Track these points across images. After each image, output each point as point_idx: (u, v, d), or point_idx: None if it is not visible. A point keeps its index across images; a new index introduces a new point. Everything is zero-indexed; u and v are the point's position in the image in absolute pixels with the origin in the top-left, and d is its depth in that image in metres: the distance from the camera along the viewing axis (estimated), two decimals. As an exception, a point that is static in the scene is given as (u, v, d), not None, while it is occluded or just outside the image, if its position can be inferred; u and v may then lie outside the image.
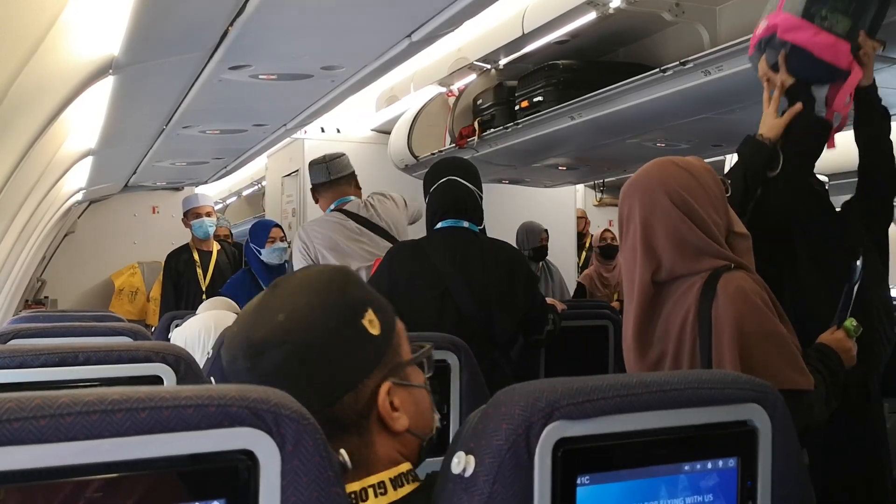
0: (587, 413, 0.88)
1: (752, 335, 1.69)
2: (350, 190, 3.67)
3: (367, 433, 1.02)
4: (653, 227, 1.79)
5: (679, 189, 1.78)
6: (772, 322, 1.72)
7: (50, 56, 2.03)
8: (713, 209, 1.81)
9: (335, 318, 1.01)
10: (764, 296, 1.75)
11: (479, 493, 0.86)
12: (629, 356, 1.88)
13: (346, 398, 1.00)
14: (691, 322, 1.74)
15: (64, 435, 0.67)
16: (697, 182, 1.81)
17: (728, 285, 1.72)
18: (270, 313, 1.02)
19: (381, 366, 1.03)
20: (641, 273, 1.81)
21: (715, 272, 1.75)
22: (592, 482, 0.89)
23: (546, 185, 5.75)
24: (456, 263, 2.70)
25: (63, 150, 3.58)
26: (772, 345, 1.70)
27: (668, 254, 1.78)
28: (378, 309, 1.05)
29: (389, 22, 2.49)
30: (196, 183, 6.57)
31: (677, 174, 1.81)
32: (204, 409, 0.72)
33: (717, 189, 1.83)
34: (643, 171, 1.88)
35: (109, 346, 1.53)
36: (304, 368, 0.99)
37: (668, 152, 4.13)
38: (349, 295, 1.04)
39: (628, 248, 1.85)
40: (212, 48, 2.60)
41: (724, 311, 1.70)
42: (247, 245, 4.46)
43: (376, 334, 1.03)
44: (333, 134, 5.47)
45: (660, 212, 1.79)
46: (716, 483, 0.96)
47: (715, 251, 1.78)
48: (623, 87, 3.11)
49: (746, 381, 1.00)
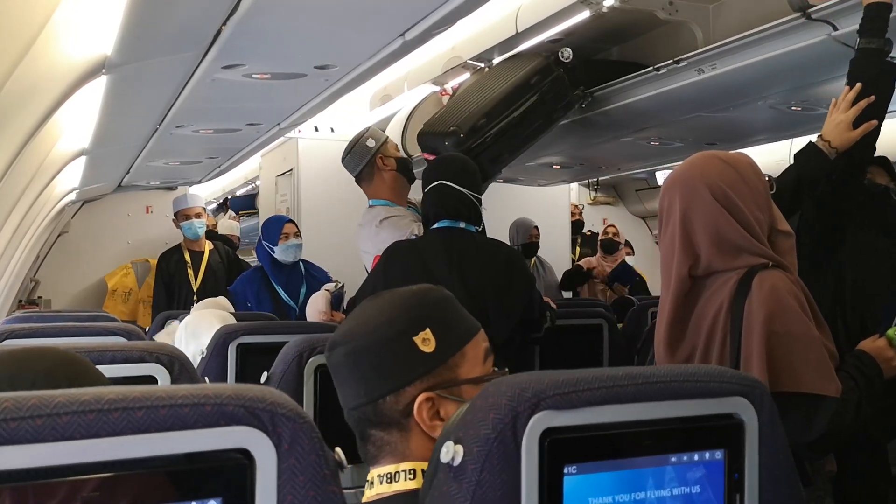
0: (573, 403, 0.90)
1: (781, 335, 1.67)
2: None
3: (406, 430, 1.19)
4: (692, 221, 1.78)
5: (721, 183, 1.76)
6: (803, 324, 1.69)
7: (42, 56, 2.03)
8: (755, 206, 1.78)
9: (390, 331, 1.20)
10: (800, 297, 1.73)
11: (467, 481, 0.88)
12: (660, 350, 1.86)
13: (388, 398, 1.19)
14: (723, 318, 1.73)
15: (60, 434, 0.67)
16: (741, 177, 1.78)
17: (763, 283, 1.70)
18: (352, 318, 1.26)
19: (426, 378, 1.19)
20: (679, 267, 1.80)
21: (751, 269, 1.73)
22: (579, 472, 0.90)
23: (540, 183, 5.77)
24: (453, 264, 2.69)
25: (56, 150, 3.57)
26: (800, 347, 1.67)
27: (706, 249, 1.77)
28: (440, 331, 1.22)
29: (383, 21, 2.49)
30: (190, 182, 6.56)
31: (720, 168, 1.79)
32: (200, 408, 0.73)
33: (761, 185, 1.81)
34: (686, 163, 1.86)
35: (103, 346, 1.53)
36: (355, 367, 1.20)
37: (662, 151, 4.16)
38: (412, 313, 1.22)
39: (667, 241, 1.84)
40: (205, 47, 2.60)
41: (756, 309, 1.68)
42: (259, 243, 4.35)
43: (428, 351, 1.20)
44: (327, 133, 5.46)
45: (700, 206, 1.77)
46: (703, 475, 0.97)
47: (754, 248, 1.76)
48: (617, 85, 3.11)
49: (732, 375, 1.02)
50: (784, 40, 2.45)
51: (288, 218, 4.36)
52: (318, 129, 5.44)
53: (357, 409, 1.21)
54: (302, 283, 4.16)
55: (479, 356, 1.26)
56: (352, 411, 1.22)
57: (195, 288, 5.40)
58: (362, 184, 3.45)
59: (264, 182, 6.35)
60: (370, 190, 3.42)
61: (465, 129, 3.22)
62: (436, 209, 2.82)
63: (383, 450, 1.20)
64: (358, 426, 1.22)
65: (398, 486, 1.17)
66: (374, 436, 1.21)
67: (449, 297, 1.29)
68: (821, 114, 3.10)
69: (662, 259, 1.88)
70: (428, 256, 2.73)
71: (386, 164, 3.37)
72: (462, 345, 1.24)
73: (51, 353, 1.16)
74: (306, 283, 4.15)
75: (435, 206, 2.82)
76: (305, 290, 4.09)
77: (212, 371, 2.33)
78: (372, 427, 1.21)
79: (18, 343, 1.86)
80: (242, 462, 0.74)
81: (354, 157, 3.41)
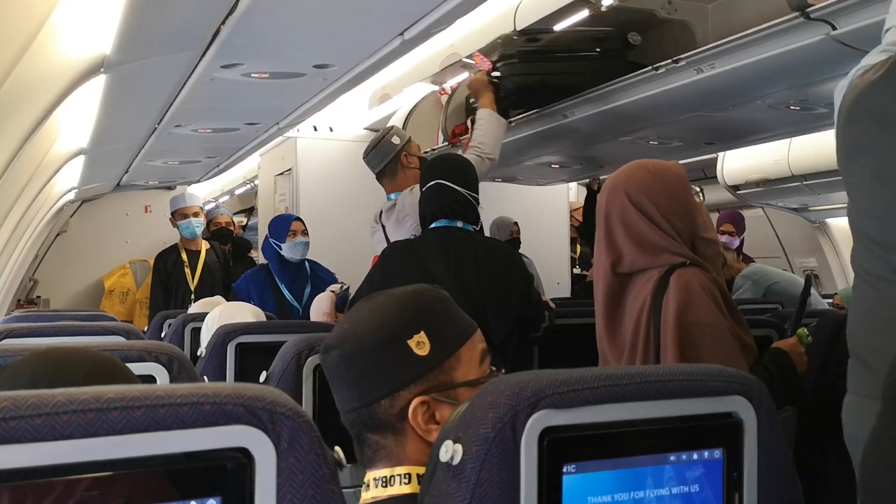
0: (572, 402, 0.90)
1: (692, 325, 1.82)
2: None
3: (402, 434, 1.18)
4: (613, 222, 1.98)
5: (639, 190, 1.96)
6: (714, 315, 1.84)
7: (41, 55, 2.03)
8: (672, 212, 1.96)
9: (383, 334, 1.19)
10: (715, 292, 1.88)
11: (466, 480, 0.88)
12: (602, 344, 2.03)
13: (383, 402, 1.18)
14: (646, 312, 1.90)
15: (60, 433, 0.66)
16: (662, 186, 1.97)
17: (680, 279, 1.87)
18: (346, 321, 1.25)
19: (421, 381, 1.18)
20: (603, 263, 2.00)
21: (671, 267, 1.90)
22: (578, 471, 0.90)
23: (539, 182, 5.76)
24: (450, 263, 2.69)
25: (55, 150, 3.57)
26: (710, 336, 1.83)
27: (628, 248, 1.95)
28: (435, 334, 1.20)
29: (381, 20, 2.49)
30: (188, 182, 6.56)
31: (643, 177, 1.99)
32: (199, 407, 0.73)
33: (683, 195, 1.99)
34: (617, 171, 2.06)
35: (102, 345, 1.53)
36: (350, 370, 1.19)
37: (661, 150, 4.15)
38: (405, 316, 1.21)
39: (596, 242, 2.05)
40: (204, 47, 2.60)
41: (671, 302, 1.85)
42: (265, 241, 4.33)
43: (422, 354, 1.19)
44: (326, 132, 5.46)
45: (618, 208, 1.97)
46: (702, 473, 0.97)
47: (673, 248, 1.93)
48: (615, 84, 3.11)
49: (731, 375, 1.02)
50: (783, 39, 2.44)
51: (296, 216, 4.35)
52: (316, 128, 5.44)
53: (352, 413, 1.21)
54: (307, 283, 4.16)
55: (474, 358, 1.25)
56: (347, 414, 1.22)
57: (192, 287, 5.40)
58: (384, 180, 3.53)
59: (263, 181, 6.35)
60: (392, 185, 3.50)
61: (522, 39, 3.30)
62: (433, 209, 2.82)
63: (379, 453, 1.20)
64: (353, 429, 1.22)
65: (393, 490, 1.16)
66: (369, 439, 1.20)
67: (444, 299, 1.28)
68: (819, 113, 3.11)
69: (594, 259, 2.09)
70: (426, 256, 2.73)
71: (410, 161, 3.48)
72: (457, 347, 1.23)
73: (88, 356, 1.15)
74: (311, 283, 4.15)
75: (432, 206, 2.82)
76: (310, 290, 4.09)
77: (211, 370, 2.33)
78: (367, 430, 1.20)
79: (17, 343, 1.86)
80: (242, 461, 0.74)
81: (379, 154, 3.50)
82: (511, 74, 3.35)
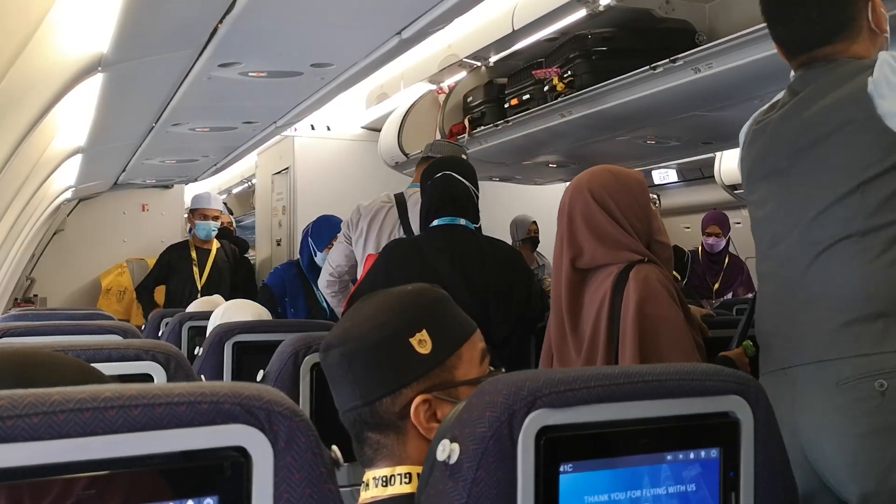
0: (569, 402, 0.90)
1: (651, 318, 1.91)
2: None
3: (403, 432, 1.19)
4: (575, 219, 2.07)
5: (602, 190, 2.05)
6: (672, 308, 1.94)
7: (38, 53, 2.02)
8: (632, 214, 2.06)
9: (385, 333, 1.19)
10: (671, 288, 1.98)
11: (463, 479, 0.88)
12: (557, 338, 2.10)
13: (385, 400, 1.18)
14: (606, 306, 1.98)
15: (57, 432, 0.66)
16: (624, 189, 2.07)
17: (638, 274, 1.96)
18: (347, 319, 1.24)
19: (423, 380, 1.18)
20: (564, 260, 2.08)
21: (630, 263, 2.00)
22: (575, 470, 0.90)
23: (537, 182, 5.77)
24: (454, 261, 2.69)
25: (52, 148, 3.56)
26: (668, 328, 1.92)
27: (589, 244, 2.04)
28: (437, 332, 1.20)
29: (379, 19, 2.49)
30: (186, 180, 6.55)
31: (606, 178, 2.08)
32: (196, 406, 0.72)
33: (642, 199, 2.10)
34: (582, 173, 2.16)
35: (99, 344, 1.53)
36: (351, 369, 1.19)
37: (659, 150, 4.16)
38: (407, 315, 1.21)
39: (557, 238, 2.13)
40: (201, 45, 2.60)
41: (630, 295, 1.93)
42: (304, 239, 4.30)
43: (424, 353, 1.19)
44: (324, 131, 5.46)
45: (582, 205, 2.06)
46: (699, 473, 0.97)
47: (633, 245, 2.02)
48: (613, 84, 3.11)
49: (728, 374, 1.02)
50: (780, 39, 2.44)
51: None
52: (314, 127, 5.44)
53: (353, 411, 1.20)
54: None
55: (475, 357, 1.25)
56: (347, 413, 1.21)
57: (199, 286, 5.40)
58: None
59: (260, 180, 6.35)
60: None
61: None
62: (440, 201, 2.80)
63: (380, 452, 1.19)
64: (354, 428, 1.22)
65: (393, 489, 1.16)
66: (370, 438, 1.20)
67: (445, 297, 1.28)
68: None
69: (554, 255, 2.17)
70: (429, 254, 2.72)
71: None
72: (458, 346, 1.23)
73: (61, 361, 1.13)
74: None
75: (440, 198, 2.81)
76: None
77: (208, 369, 2.33)
78: (368, 429, 1.20)
79: (14, 341, 1.86)
80: (239, 460, 0.74)
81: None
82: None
